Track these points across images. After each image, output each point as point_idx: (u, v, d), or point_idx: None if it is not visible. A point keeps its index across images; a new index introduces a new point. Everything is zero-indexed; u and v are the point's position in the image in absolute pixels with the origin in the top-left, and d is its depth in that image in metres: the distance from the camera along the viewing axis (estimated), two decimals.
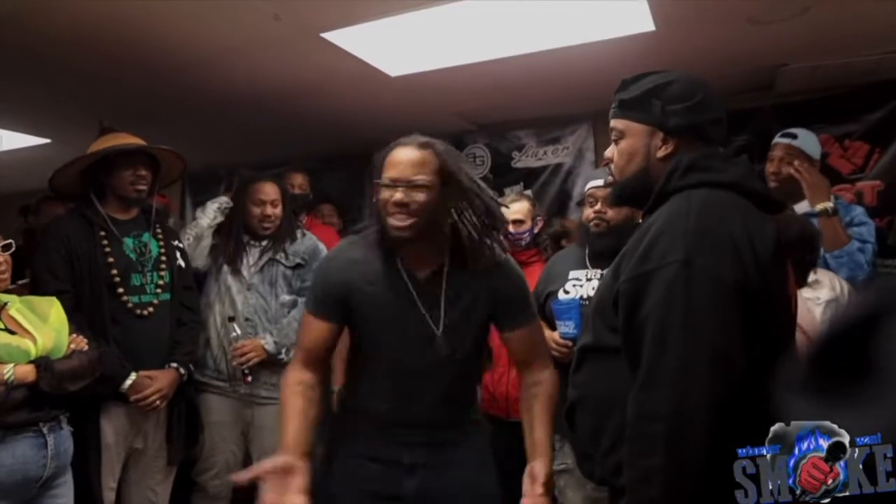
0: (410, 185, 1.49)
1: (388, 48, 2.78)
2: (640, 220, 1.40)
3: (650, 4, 2.38)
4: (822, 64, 3.05)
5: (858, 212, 2.57)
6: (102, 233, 2.27)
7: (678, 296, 1.06)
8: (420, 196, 1.49)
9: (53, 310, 2.00)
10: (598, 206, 2.19)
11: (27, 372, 1.82)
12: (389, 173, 1.52)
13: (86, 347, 1.99)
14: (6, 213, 4.29)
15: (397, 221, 1.49)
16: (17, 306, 1.96)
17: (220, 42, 2.61)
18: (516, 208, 2.65)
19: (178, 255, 2.43)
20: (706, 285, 1.06)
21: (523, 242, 2.64)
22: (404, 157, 1.53)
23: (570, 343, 2.21)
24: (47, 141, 4.01)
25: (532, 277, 2.45)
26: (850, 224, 2.46)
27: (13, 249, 1.97)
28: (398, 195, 1.49)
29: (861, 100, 3.36)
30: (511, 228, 2.56)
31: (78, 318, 2.10)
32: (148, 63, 2.80)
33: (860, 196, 3.37)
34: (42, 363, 1.85)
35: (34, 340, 1.88)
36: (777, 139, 2.64)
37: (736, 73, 3.20)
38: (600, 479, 1.30)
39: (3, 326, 1.87)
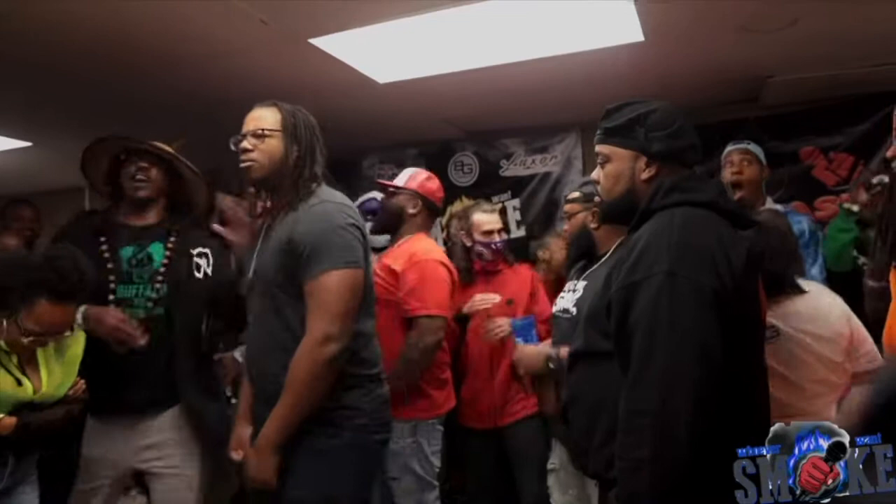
0: (252, 135, 1.77)
1: (377, 55, 2.77)
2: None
3: (640, 14, 2.38)
4: (809, 76, 3.07)
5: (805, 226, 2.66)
6: (103, 238, 2.12)
7: (664, 303, 1.17)
8: (259, 143, 1.76)
9: (74, 346, 1.92)
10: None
11: (6, 426, 1.77)
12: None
13: (82, 394, 1.93)
14: None
15: (244, 162, 1.78)
16: None
17: (207, 46, 2.58)
18: (495, 219, 2.74)
19: (195, 264, 2.16)
20: (688, 293, 1.17)
21: (493, 246, 2.68)
22: (252, 113, 1.82)
23: None
24: (28, 144, 3.94)
25: (504, 286, 2.64)
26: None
27: None
28: (242, 144, 1.77)
29: (847, 112, 3.39)
30: (484, 238, 2.66)
31: None
32: (131, 65, 2.76)
33: (843, 208, 3.40)
34: (23, 422, 1.79)
35: (38, 385, 1.82)
36: (729, 147, 2.74)
37: (723, 84, 3.23)
38: (594, 473, 1.41)
39: (15, 363, 1.79)
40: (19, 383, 1.79)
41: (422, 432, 2.42)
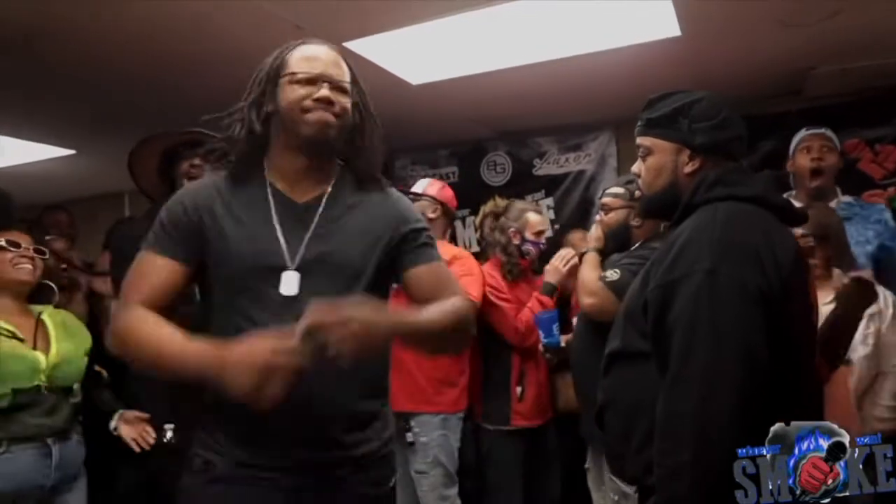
0: (335, 86, 1.28)
1: (409, 57, 2.77)
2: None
3: (677, 9, 2.34)
4: (853, 66, 2.98)
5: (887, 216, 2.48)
6: None
7: (705, 301, 1.12)
8: (344, 99, 1.30)
9: (81, 332, 2.09)
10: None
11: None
12: (307, 67, 1.28)
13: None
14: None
15: (324, 114, 1.26)
16: (49, 311, 2.06)
17: (242, 51, 2.60)
18: (545, 221, 2.88)
19: None
20: (731, 292, 1.11)
21: (541, 247, 2.77)
22: (323, 53, 1.32)
23: (548, 351, 2.52)
24: (72, 152, 4.06)
25: (517, 291, 2.67)
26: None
27: (46, 256, 2.07)
28: (323, 92, 1.26)
29: (893, 103, 3.28)
30: (535, 238, 2.72)
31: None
32: (168, 73, 2.82)
33: (892, 202, 3.29)
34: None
35: (47, 351, 1.95)
36: (805, 133, 2.57)
37: (764, 77, 3.15)
38: (631, 478, 1.34)
39: (20, 336, 1.93)
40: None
41: (449, 426, 2.47)
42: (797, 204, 2.31)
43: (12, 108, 3.22)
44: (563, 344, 2.49)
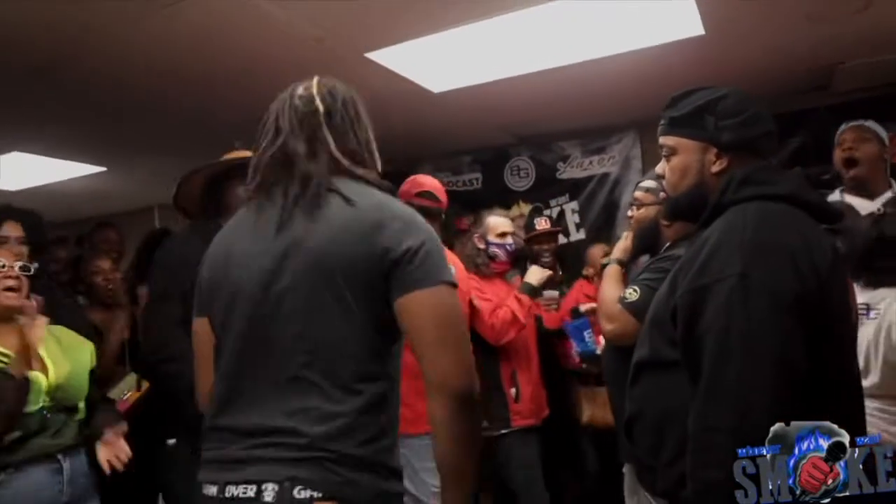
0: None
1: (430, 65, 2.78)
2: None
3: (700, 7, 2.31)
4: (884, 59, 2.92)
5: None
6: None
7: (737, 309, 1.06)
8: None
9: (81, 351, 2.00)
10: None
11: None
12: None
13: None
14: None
15: None
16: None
17: (268, 65, 2.65)
18: (508, 222, 2.83)
19: None
20: (764, 298, 1.06)
21: (508, 248, 2.77)
22: None
23: (585, 361, 2.52)
24: (103, 169, 4.14)
25: (494, 288, 2.68)
26: None
27: (31, 272, 1.96)
28: None
29: None
30: (499, 240, 2.74)
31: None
32: (199, 90, 2.86)
33: None
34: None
35: (46, 372, 1.87)
36: (843, 127, 2.47)
37: (790, 73, 3.11)
38: (662, 492, 1.29)
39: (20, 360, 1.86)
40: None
41: (408, 446, 2.24)
42: (848, 198, 2.27)
43: (43, 126, 3.29)
44: (599, 351, 2.41)
